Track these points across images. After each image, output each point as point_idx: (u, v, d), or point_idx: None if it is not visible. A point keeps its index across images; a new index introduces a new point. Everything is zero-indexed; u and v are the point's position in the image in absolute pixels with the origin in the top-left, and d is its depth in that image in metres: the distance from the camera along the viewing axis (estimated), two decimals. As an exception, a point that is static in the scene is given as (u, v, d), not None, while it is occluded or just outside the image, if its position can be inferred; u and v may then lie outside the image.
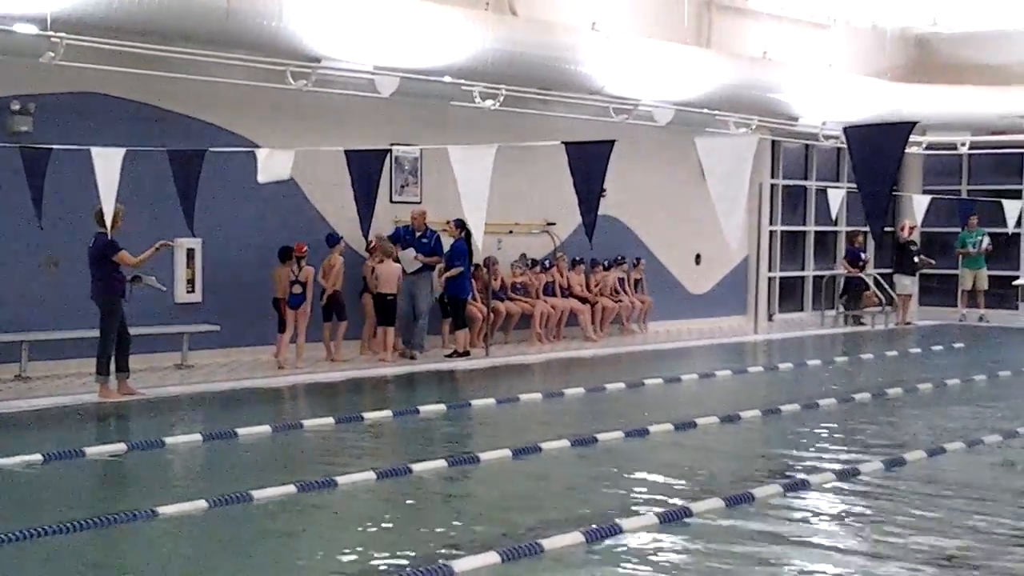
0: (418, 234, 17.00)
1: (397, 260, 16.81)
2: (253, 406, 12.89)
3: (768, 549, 7.56)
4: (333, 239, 16.34)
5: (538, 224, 19.68)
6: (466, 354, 17.10)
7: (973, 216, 23.83)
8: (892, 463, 10.11)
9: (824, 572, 7.17)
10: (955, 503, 8.81)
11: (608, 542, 7.64)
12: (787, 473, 9.75)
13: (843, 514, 8.56)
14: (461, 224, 16.48)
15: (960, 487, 9.32)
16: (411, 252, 16.85)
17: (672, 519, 8.18)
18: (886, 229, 22.53)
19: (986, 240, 24.16)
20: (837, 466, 9.98)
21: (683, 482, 9.44)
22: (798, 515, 8.49)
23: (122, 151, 12.02)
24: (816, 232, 25.27)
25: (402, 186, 17.90)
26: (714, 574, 7.03)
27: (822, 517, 8.46)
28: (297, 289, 15.65)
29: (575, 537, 7.61)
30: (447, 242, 17.26)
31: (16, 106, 14.00)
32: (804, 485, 9.25)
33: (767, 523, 8.18)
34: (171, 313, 15.46)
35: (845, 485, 9.39)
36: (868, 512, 8.60)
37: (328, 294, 16.22)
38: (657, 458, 10.45)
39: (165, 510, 8.21)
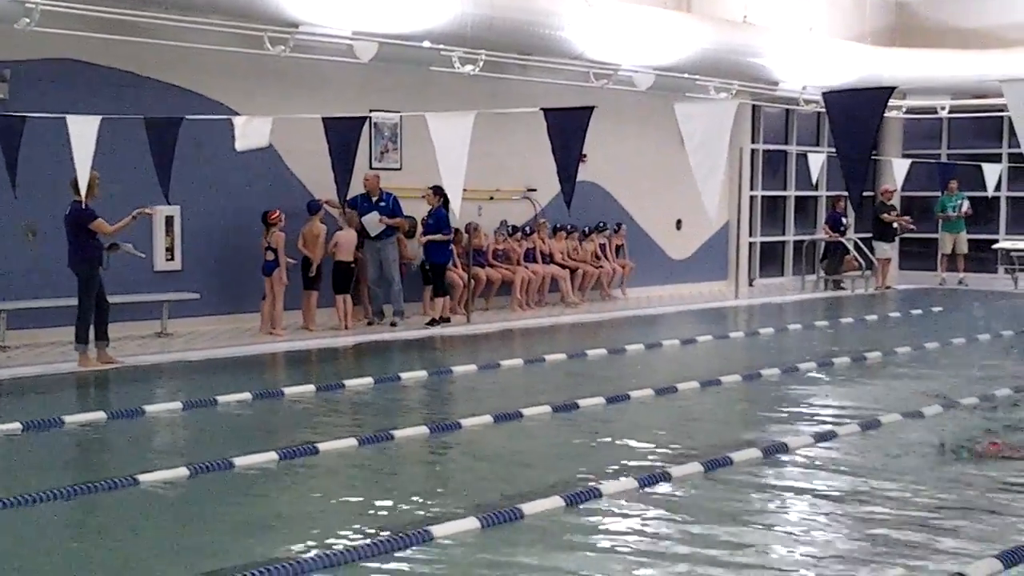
0: (375, 198, 16.82)
1: (359, 228, 16.66)
2: (233, 374, 12.86)
3: (745, 512, 7.60)
4: (314, 206, 16.25)
5: (519, 190, 19.65)
6: (446, 320, 17.09)
7: (953, 180, 23.89)
8: (867, 426, 10.17)
9: (801, 534, 7.22)
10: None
11: (588, 506, 7.67)
12: (766, 437, 9.78)
13: (818, 478, 8.59)
14: (439, 190, 16.42)
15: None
16: (375, 215, 16.67)
17: (651, 483, 8.21)
18: (865, 194, 22.59)
19: (966, 204, 24.24)
20: (816, 429, 10.03)
21: (663, 447, 9.46)
22: (775, 479, 8.52)
23: (98, 119, 11.93)
24: (796, 197, 25.31)
25: (382, 152, 17.83)
26: (692, 538, 7.06)
27: (798, 481, 8.50)
28: (270, 256, 15.62)
29: (555, 502, 7.64)
30: (413, 206, 17.18)
31: (-8, 73, 13.91)
32: (783, 449, 9.29)
33: (745, 487, 8.22)
34: (151, 281, 15.41)
35: (823, 448, 9.43)
36: (846, 474, 8.64)
37: (316, 264, 16.12)
38: (638, 423, 10.48)
39: (146, 478, 8.20)
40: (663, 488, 8.18)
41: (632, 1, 19.63)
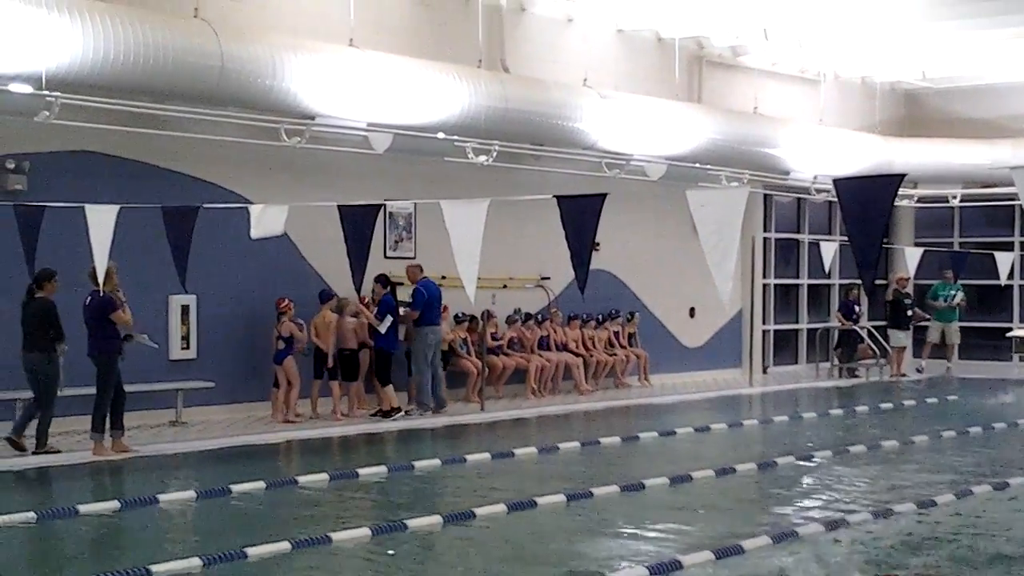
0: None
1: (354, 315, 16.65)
2: (247, 463, 12.84)
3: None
4: (325, 295, 16.32)
5: (532, 278, 19.72)
6: (397, 411, 16.35)
7: (949, 271, 23.80)
8: (879, 514, 10.11)
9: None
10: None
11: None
12: (779, 526, 9.72)
13: (829, 567, 8.52)
14: (384, 280, 16.47)
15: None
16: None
17: (662, 571, 8.16)
18: (878, 282, 22.59)
19: (959, 295, 24.15)
20: (829, 518, 9.97)
21: (675, 535, 9.43)
22: (787, 568, 8.46)
23: (116, 208, 12.06)
24: (809, 285, 25.35)
25: (396, 241, 17.94)
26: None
27: (810, 570, 8.43)
28: (281, 345, 15.68)
29: (567, 590, 7.61)
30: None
31: (11, 164, 14.06)
32: (794, 537, 9.23)
33: (756, 575, 8.16)
34: (166, 370, 15.45)
35: (835, 538, 9.36)
36: (857, 559, 8.57)
37: (332, 353, 16.12)
38: (651, 512, 10.43)
39: (159, 568, 8.16)
40: (674, 576, 8.14)
41: (643, 92, 19.86)
